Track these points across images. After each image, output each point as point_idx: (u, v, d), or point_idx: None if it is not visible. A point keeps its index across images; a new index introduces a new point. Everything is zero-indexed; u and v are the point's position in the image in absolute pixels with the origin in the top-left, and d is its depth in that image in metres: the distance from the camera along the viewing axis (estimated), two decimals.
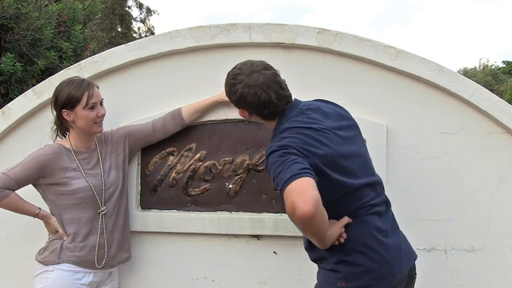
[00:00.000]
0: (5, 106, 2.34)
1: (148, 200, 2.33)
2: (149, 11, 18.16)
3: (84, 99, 2.00)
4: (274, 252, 2.29)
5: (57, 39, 7.02)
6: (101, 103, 2.07)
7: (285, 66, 1.99)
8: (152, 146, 2.29)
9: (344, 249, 1.69)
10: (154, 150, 2.31)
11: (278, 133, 1.74)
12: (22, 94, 2.36)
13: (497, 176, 2.23)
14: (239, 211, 2.29)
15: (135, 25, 18.19)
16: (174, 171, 2.31)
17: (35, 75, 6.67)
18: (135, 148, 2.25)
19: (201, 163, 2.30)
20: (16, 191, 2.02)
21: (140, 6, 17.92)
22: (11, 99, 2.71)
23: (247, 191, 2.29)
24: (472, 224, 2.24)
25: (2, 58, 6.34)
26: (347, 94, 2.22)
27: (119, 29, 17.25)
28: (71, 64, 3.04)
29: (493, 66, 31.53)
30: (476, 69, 32.30)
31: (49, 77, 2.34)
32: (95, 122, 2.05)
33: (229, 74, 1.82)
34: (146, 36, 16.45)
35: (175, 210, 2.32)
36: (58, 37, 7.10)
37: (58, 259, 2.02)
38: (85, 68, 2.30)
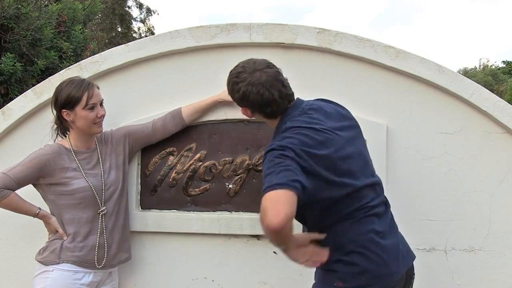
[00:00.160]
0: (5, 106, 2.34)
1: (148, 200, 2.33)
2: (149, 11, 18.17)
3: (84, 99, 2.00)
4: (274, 252, 2.29)
5: (57, 39, 7.02)
6: (101, 104, 2.07)
7: (285, 66, 1.98)
8: (152, 146, 2.29)
9: (341, 249, 1.69)
10: (154, 150, 2.31)
11: (280, 132, 1.74)
12: (22, 94, 2.35)
13: (497, 176, 2.23)
14: (239, 211, 2.29)
15: (135, 25, 18.21)
16: (174, 171, 2.31)
17: (35, 75, 6.67)
18: (135, 148, 2.25)
19: (201, 163, 2.30)
20: (16, 191, 2.02)
21: (140, 6, 17.94)
22: (11, 99, 2.71)
23: (247, 191, 2.29)
24: (472, 224, 2.24)
25: (2, 58, 6.34)
26: (347, 94, 2.22)
27: (119, 29, 17.25)
28: (71, 64, 3.04)
29: (493, 66, 31.52)
30: (476, 69, 32.31)
31: (49, 77, 2.34)
32: (94, 123, 2.05)
33: (231, 72, 1.81)
34: (146, 36, 16.44)
35: (175, 210, 2.32)
36: (58, 37, 7.10)
37: (58, 259, 2.02)
38: (85, 68, 2.30)
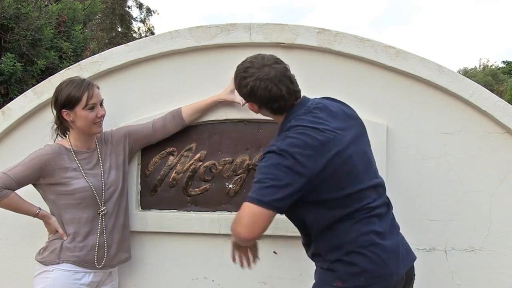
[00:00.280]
0: (5, 106, 2.34)
1: (148, 200, 2.33)
2: (149, 11, 18.17)
3: (84, 99, 2.00)
4: (274, 252, 2.29)
5: (57, 39, 7.02)
6: (101, 104, 2.07)
7: None
8: (152, 146, 2.29)
9: (341, 249, 1.69)
10: (154, 150, 2.31)
11: (284, 129, 1.74)
12: (22, 94, 2.35)
13: (497, 176, 2.23)
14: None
15: (135, 25, 18.21)
16: (174, 171, 2.31)
17: (35, 75, 6.67)
18: (135, 148, 2.25)
19: (201, 163, 2.30)
20: (16, 191, 2.02)
21: (140, 6, 17.94)
22: (11, 99, 2.71)
23: (247, 191, 2.26)
24: (472, 224, 2.24)
25: (2, 58, 6.34)
26: (347, 94, 2.21)
27: (119, 29, 17.25)
28: (71, 64, 3.04)
29: (493, 66, 31.53)
30: (476, 69, 32.31)
31: (49, 77, 2.33)
32: (94, 123, 2.04)
33: (239, 67, 1.80)
34: (146, 36, 16.44)
35: (175, 210, 2.32)
36: (58, 37, 7.11)
37: (58, 259, 2.02)
38: (85, 68, 2.30)
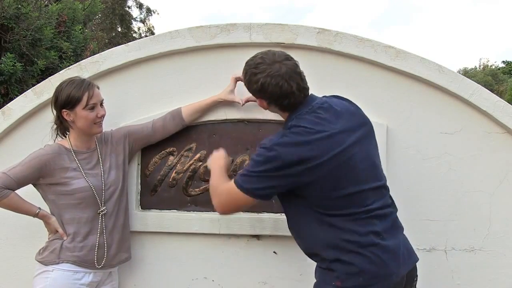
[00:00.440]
0: (5, 106, 2.34)
1: (148, 200, 2.33)
2: (149, 11, 18.16)
3: (84, 100, 2.00)
4: (274, 252, 2.29)
5: (57, 39, 7.02)
6: (101, 104, 2.07)
7: None
8: (152, 146, 2.29)
9: (340, 248, 1.70)
10: (154, 150, 2.31)
11: (286, 127, 1.76)
12: (22, 94, 2.35)
13: (497, 176, 2.23)
14: (239, 211, 2.29)
15: (135, 25, 18.21)
16: (174, 171, 2.31)
17: (35, 75, 6.67)
18: (135, 148, 2.25)
19: (201, 163, 2.30)
20: (16, 191, 2.02)
21: (140, 6, 17.93)
22: (11, 99, 2.71)
23: None
24: (472, 224, 2.24)
25: (2, 58, 6.34)
26: (347, 94, 2.19)
27: (119, 29, 17.24)
28: (71, 64, 3.04)
29: (493, 66, 31.53)
30: (476, 69, 32.32)
31: (49, 77, 2.33)
32: (94, 123, 2.04)
33: (249, 63, 1.79)
34: (146, 36, 16.45)
35: (175, 210, 2.32)
36: (58, 37, 7.11)
37: (58, 259, 2.02)
38: (85, 68, 2.30)
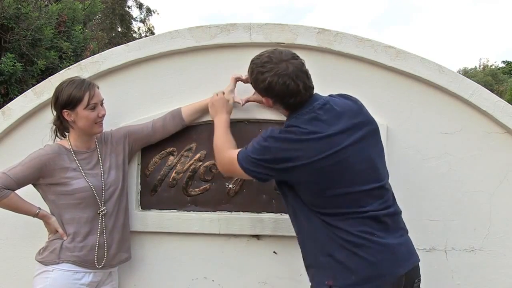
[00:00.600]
0: (5, 106, 2.34)
1: (148, 200, 2.33)
2: (149, 11, 18.17)
3: (85, 100, 2.00)
4: (274, 252, 2.29)
5: (57, 39, 7.02)
6: (101, 103, 2.07)
7: None
8: (152, 146, 2.29)
9: (333, 246, 1.70)
10: (154, 150, 2.31)
11: (284, 126, 1.79)
12: (22, 94, 2.35)
13: (497, 176, 2.23)
14: (239, 211, 2.29)
15: (135, 25, 18.21)
16: (174, 171, 2.31)
17: (35, 75, 6.68)
18: (135, 148, 2.25)
19: (201, 163, 2.30)
20: (16, 191, 2.02)
21: (140, 6, 17.94)
22: (11, 99, 2.71)
23: (247, 191, 2.29)
24: (472, 224, 2.24)
25: (2, 58, 6.35)
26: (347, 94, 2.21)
27: (119, 29, 17.25)
28: (71, 64, 3.04)
29: (493, 66, 31.53)
30: (476, 69, 32.31)
31: (49, 77, 2.33)
32: (95, 122, 2.05)
33: (255, 62, 1.79)
34: (146, 36, 16.45)
35: (175, 210, 2.32)
36: (58, 37, 7.11)
37: (58, 259, 2.02)
38: (85, 68, 2.30)
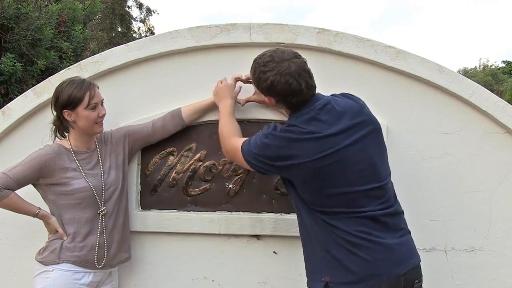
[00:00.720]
0: (5, 106, 2.34)
1: (148, 200, 2.33)
2: (149, 11, 18.19)
3: (86, 100, 2.00)
4: (274, 252, 2.29)
5: (57, 39, 7.02)
6: (101, 103, 2.08)
7: None
8: (152, 146, 2.29)
9: (332, 241, 1.71)
10: (154, 150, 2.31)
11: (286, 124, 1.80)
12: (22, 94, 2.35)
13: (497, 176, 2.23)
14: (239, 211, 2.29)
15: (135, 25, 18.24)
16: (174, 171, 2.31)
17: (35, 75, 6.68)
18: (134, 148, 2.25)
19: (201, 163, 2.30)
20: (16, 191, 2.02)
21: (140, 6, 17.96)
22: (11, 99, 2.71)
23: (247, 191, 2.29)
24: (472, 224, 2.24)
25: (2, 58, 6.35)
26: None
27: (119, 29, 17.26)
28: (71, 64, 3.04)
29: (493, 66, 31.54)
30: (476, 69, 32.32)
31: (49, 77, 2.33)
32: (96, 122, 2.05)
33: (258, 61, 1.79)
34: (146, 36, 16.45)
35: (175, 210, 2.31)
36: (58, 37, 7.11)
37: (58, 259, 2.02)
38: (85, 68, 2.30)
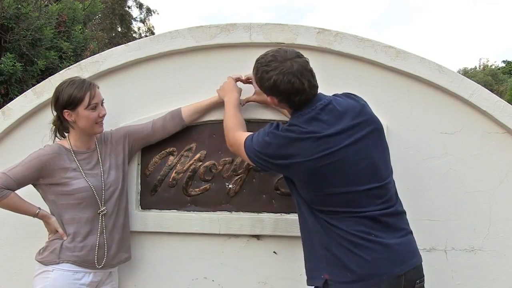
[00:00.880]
0: (5, 106, 2.34)
1: (148, 200, 2.33)
2: (149, 11, 18.18)
3: (86, 100, 2.00)
4: (274, 252, 2.29)
5: (57, 39, 7.02)
6: (102, 103, 2.08)
7: None
8: (152, 146, 2.29)
9: (332, 240, 1.72)
10: (154, 150, 2.31)
11: (287, 124, 1.80)
12: (22, 94, 2.35)
13: (497, 176, 2.23)
14: (239, 211, 2.29)
15: (135, 25, 18.23)
16: (174, 171, 2.31)
17: (35, 75, 6.67)
18: (134, 148, 2.25)
19: (201, 163, 2.30)
20: (16, 191, 2.02)
21: (140, 6, 17.95)
22: (11, 99, 2.71)
23: (247, 191, 2.29)
24: (472, 224, 2.24)
25: (2, 58, 6.35)
26: None
27: (119, 29, 17.25)
28: (71, 64, 3.04)
29: (493, 66, 31.54)
30: (476, 69, 32.32)
31: (49, 77, 2.33)
32: (96, 122, 2.05)
33: (260, 61, 1.80)
34: (146, 36, 16.45)
35: (175, 210, 2.32)
36: (58, 37, 7.11)
37: (58, 259, 2.02)
38: (85, 68, 2.30)
